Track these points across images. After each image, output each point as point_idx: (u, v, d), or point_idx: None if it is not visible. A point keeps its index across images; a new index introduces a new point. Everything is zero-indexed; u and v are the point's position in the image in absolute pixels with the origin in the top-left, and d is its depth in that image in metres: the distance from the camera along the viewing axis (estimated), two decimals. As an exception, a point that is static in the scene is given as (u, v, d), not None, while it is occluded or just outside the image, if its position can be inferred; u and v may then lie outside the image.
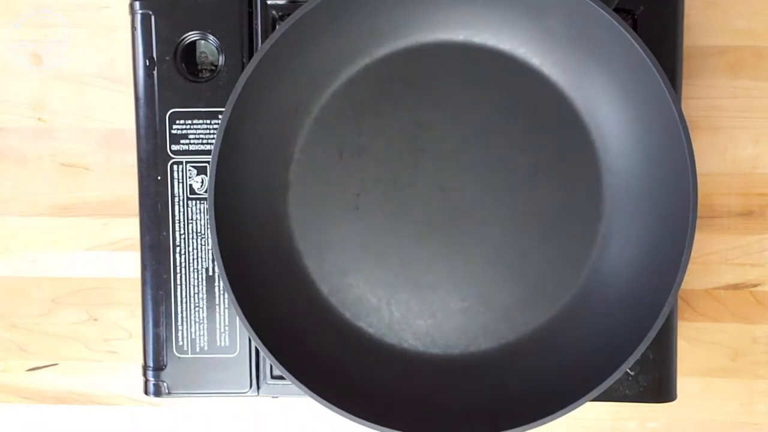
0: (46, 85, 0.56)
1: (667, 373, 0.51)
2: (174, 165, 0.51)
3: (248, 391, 0.51)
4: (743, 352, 0.55)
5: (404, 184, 0.51)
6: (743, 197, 0.55)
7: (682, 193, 0.45)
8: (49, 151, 0.56)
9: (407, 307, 0.51)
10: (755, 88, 0.54)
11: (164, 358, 0.51)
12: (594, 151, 0.50)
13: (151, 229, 0.51)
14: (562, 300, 0.51)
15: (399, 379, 0.50)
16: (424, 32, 0.50)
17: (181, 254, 0.51)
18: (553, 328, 0.51)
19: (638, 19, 0.50)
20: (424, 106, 0.51)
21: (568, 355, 0.49)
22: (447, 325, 0.51)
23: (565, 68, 0.50)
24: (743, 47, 0.54)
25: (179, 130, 0.51)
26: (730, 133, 0.54)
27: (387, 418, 0.45)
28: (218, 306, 0.51)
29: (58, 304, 0.56)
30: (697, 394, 0.55)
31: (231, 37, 0.50)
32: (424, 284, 0.51)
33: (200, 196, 0.51)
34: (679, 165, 0.45)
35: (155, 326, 0.51)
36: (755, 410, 0.55)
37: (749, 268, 0.55)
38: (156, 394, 0.51)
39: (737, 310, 0.55)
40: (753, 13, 0.54)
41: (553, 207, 0.51)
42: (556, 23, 0.48)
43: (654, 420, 0.56)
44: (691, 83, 0.53)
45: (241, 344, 0.51)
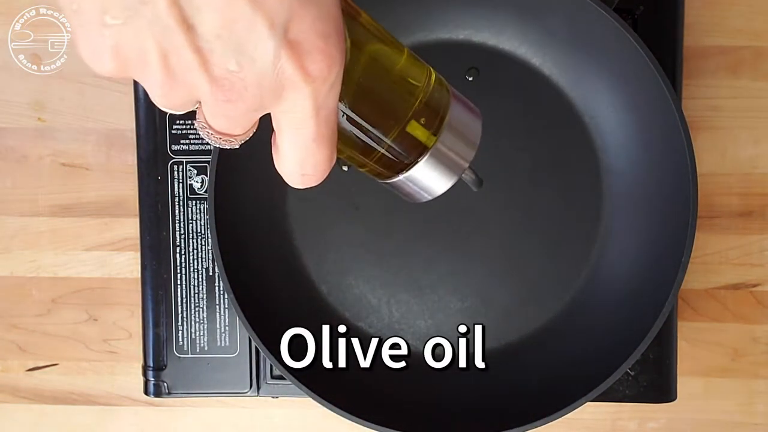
0: (46, 85, 0.56)
1: (667, 373, 0.51)
2: (174, 165, 0.51)
3: (248, 391, 0.51)
4: (743, 352, 0.55)
5: (404, 184, 0.51)
6: (743, 197, 0.55)
7: (682, 193, 0.45)
8: (49, 151, 0.56)
9: (407, 307, 0.51)
10: (755, 88, 0.54)
11: (164, 358, 0.51)
12: (594, 151, 0.50)
13: (151, 229, 0.51)
14: (562, 300, 0.51)
15: (398, 379, 0.50)
16: (424, 32, 0.50)
17: (181, 254, 0.51)
18: (553, 329, 0.51)
19: (638, 19, 0.50)
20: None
21: (568, 355, 0.49)
22: (447, 325, 0.51)
23: (565, 68, 0.50)
24: (743, 47, 0.54)
25: (179, 130, 0.51)
26: (730, 134, 0.54)
27: (387, 418, 0.45)
28: (218, 306, 0.51)
29: (58, 304, 0.56)
30: (697, 394, 0.55)
31: (231, 37, 0.50)
32: (424, 284, 0.51)
33: (200, 196, 0.51)
34: (679, 165, 0.45)
35: (155, 326, 0.51)
36: (755, 410, 0.55)
37: (749, 268, 0.55)
38: (156, 394, 0.51)
39: (737, 310, 0.55)
40: (753, 13, 0.54)
41: (553, 207, 0.51)
42: (556, 23, 0.48)
43: (654, 420, 0.56)
44: (691, 83, 0.53)
45: (241, 344, 0.51)
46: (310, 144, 0.28)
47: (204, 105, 0.27)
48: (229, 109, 0.27)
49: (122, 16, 0.25)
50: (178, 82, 0.26)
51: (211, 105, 0.27)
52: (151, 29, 0.25)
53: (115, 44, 0.25)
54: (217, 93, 0.26)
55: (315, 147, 0.29)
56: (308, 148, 0.29)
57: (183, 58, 0.26)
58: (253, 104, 0.27)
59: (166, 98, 0.27)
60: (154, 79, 0.26)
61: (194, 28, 0.25)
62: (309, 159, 0.29)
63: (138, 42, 0.25)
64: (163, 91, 0.27)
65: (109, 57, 0.26)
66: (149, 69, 0.26)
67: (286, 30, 0.26)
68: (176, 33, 0.25)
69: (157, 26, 0.25)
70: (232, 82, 0.26)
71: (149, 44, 0.25)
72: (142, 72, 0.26)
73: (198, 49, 0.25)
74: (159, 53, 0.26)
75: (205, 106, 0.27)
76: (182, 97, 0.27)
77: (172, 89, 0.27)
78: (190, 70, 0.26)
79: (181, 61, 0.26)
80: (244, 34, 0.26)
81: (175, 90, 0.27)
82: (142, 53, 0.26)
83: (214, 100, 0.27)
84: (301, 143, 0.28)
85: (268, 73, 0.26)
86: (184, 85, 0.26)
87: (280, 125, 0.29)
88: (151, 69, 0.26)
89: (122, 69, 0.26)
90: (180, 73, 0.26)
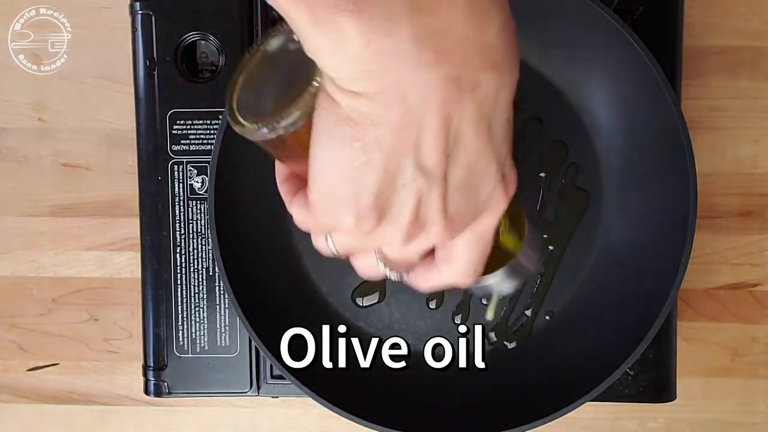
0: (46, 85, 0.56)
1: (667, 373, 0.51)
2: (174, 165, 0.51)
3: (248, 391, 0.51)
4: (743, 352, 0.55)
5: (404, 184, 0.51)
6: (743, 197, 0.55)
7: (682, 193, 0.45)
8: (49, 151, 0.56)
9: (407, 307, 0.51)
10: (754, 88, 0.54)
11: (165, 358, 0.51)
12: (594, 152, 0.50)
13: (151, 229, 0.51)
14: (562, 300, 0.51)
15: (398, 379, 0.50)
16: (424, 32, 0.50)
17: (182, 254, 0.51)
18: (553, 329, 0.51)
19: (638, 20, 0.50)
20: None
21: (568, 356, 0.49)
22: (447, 325, 0.51)
23: (565, 68, 0.50)
24: (743, 47, 0.54)
25: (179, 130, 0.51)
26: (729, 134, 0.54)
27: (386, 418, 0.45)
28: (218, 306, 0.51)
29: (58, 304, 0.57)
30: (697, 394, 0.55)
31: (231, 38, 0.50)
32: (424, 284, 0.51)
33: (200, 196, 0.51)
34: (679, 165, 0.45)
35: (156, 326, 0.51)
36: (755, 410, 0.55)
37: (749, 268, 0.55)
38: (156, 394, 0.51)
39: (737, 310, 0.55)
40: (753, 14, 0.54)
41: (553, 208, 0.51)
42: (555, 24, 0.48)
43: (654, 420, 0.56)
44: (691, 83, 0.53)
45: (241, 344, 0.51)
46: (488, 247, 0.33)
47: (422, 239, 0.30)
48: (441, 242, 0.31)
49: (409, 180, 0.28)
50: (418, 225, 0.29)
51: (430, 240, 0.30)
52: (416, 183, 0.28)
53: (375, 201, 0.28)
54: (445, 230, 0.30)
55: (489, 247, 0.33)
56: (486, 250, 0.33)
57: (432, 205, 0.29)
58: (464, 229, 0.31)
59: (404, 242, 0.30)
60: (402, 226, 0.29)
61: (447, 178, 0.28)
62: (483, 258, 0.33)
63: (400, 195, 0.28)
64: (404, 238, 0.29)
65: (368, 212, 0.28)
66: (401, 218, 0.29)
67: (503, 166, 0.30)
68: (435, 186, 0.28)
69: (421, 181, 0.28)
70: (460, 219, 0.30)
71: (412, 196, 0.28)
72: (393, 219, 0.29)
73: (444, 197, 0.29)
74: (416, 204, 0.28)
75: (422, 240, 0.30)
76: (412, 239, 0.30)
77: (411, 236, 0.29)
78: (432, 215, 0.29)
79: (429, 209, 0.29)
80: (481, 179, 0.29)
81: (413, 235, 0.29)
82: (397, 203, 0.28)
83: (441, 237, 0.30)
84: (482, 249, 0.32)
85: (484, 203, 0.30)
86: (419, 228, 0.29)
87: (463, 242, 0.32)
88: (403, 218, 0.29)
89: (378, 220, 0.29)
90: (423, 220, 0.29)
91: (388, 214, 0.29)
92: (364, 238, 0.30)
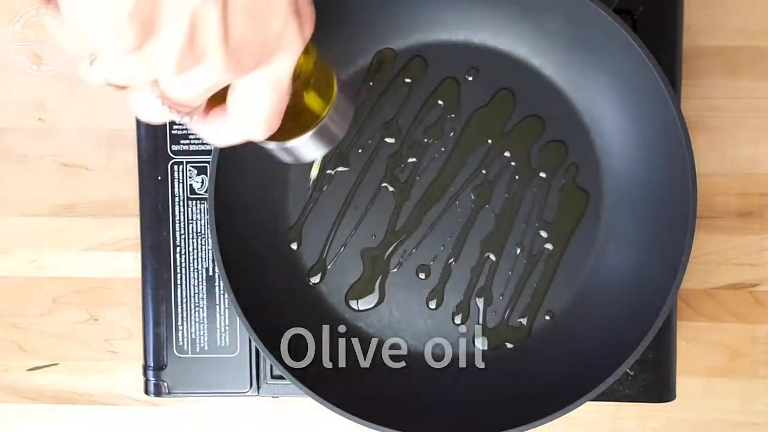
0: (46, 85, 0.56)
1: (667, 373, 0.51)
2: (174, 165, 0.51)
3: (248, 391, 0.51)
4: (743, 352, 0.55)
5: (403, 182, 0.51)
6: (742, 197, 0.55)
7: (681, 193, 0.45)
8: (49, 151, 0.56)
9: (407, 307, 0.51)
10: (754, 89, 0.54)
11: (164, 357, 0.51)
12: (594, 152, 0.50)
13: (151, 229, 0.51)
14: (562, 300, 0.51)
15: (398, 379, 0.50)
16: (423, 32, 0.50)
17: (182, 254, 0.51)
18: (553, 329, 0.51)
19: (638, 20, 0.50)
20: (424, 106, 0.51)
21: (568, 355, 0.49)
22: (447, 325, 0.51)
23: (565, 68, 0.50)
24: (742, 47, 0.54)
25: (180, 130, 0.51)
26: (729, 134, 0.54)
27: (386, 418, 0.45)
28: (218, 306, 0.51)
29: (58, 304, 0.56)
30: (697, 394, 0.55)
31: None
32: (423, 284, 0.51)
33: (200, 196, 0.51)
34: (678, 165, 0.45)
35: (155, 326, 0.51)
36: (755, 410, 0.55)
37: (749, 268, 0.55)
38: (156, 394, 0.51)
39: (737, 310, 0.55)
40: (752, 14, 0.54)
41: (553, 207, 0.51)
42: (556, 23, 0.48)
43: (653, 420, 0.56)
44: (691, 83, 0.53)
45: (241, 344, 0.51)
46: (284, 96, 0.31)
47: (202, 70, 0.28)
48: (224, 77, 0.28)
49: None
50: (195, 51, 0.27)
51: (210, 72, 0.28)
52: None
53: (136, 7, 0.25)
54: (228, 62, 0.27)
55: (285, 98, 0.31)
56: (282, 100, 0.31)
57: (210, 29, 0.26)
58: (251, 67, 0.29)
59: (177, 67, 0.27)
60: (173, 47, 0.26)
61: (228, 2, 0.26)
62: (279, 109, 0.31)
63: (169, 7, 0.25)
64: (178, 64, 0.27)
65: (127, 20, 0.25)
66: (171, 36, 0.26)
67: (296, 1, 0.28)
68: (212, 3, 0.26)
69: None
70: (244, 51, 0.28)
71: (184, 12, 0.26)
72: (164, 39, 0.26)
73: (224, 19, 0.26)
74: (190, 22, 0.26)
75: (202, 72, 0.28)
76: (188, 67, 0.27)
77: (186, 58, 0.27)
78: (212, 41, 0.27)
79: (206, 32, 0.26)
80: (268, 6, 0.27)
81: (188, 59, 0.27)
82: (166, 19, 0.26)
83: (222, 69, 0.28)
84: (276, 97, 0.30)
85: (274, 39, 0.28)
86: (196, 55, 0.27)
87: (255, 85, 0.30)
88: (174, 37, 0.26)
89: (142, 34, 0.25)
90: (200, 42, 0.27)
91: (156, 32, 0.26)
92: (133, 63, 0.27)
